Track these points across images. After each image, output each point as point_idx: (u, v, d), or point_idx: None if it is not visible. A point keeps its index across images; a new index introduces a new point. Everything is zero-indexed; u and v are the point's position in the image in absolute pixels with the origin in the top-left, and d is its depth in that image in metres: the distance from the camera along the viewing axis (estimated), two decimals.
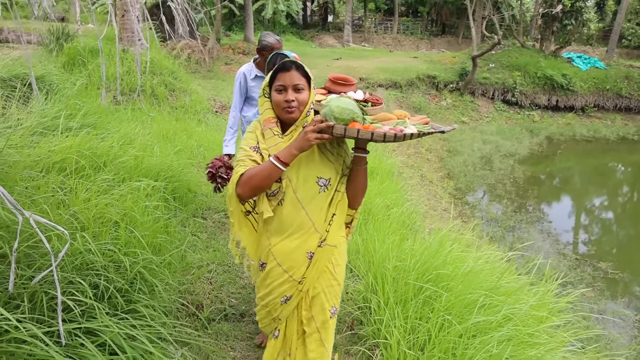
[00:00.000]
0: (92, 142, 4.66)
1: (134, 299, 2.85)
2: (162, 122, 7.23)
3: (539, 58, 20.46)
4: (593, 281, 7.71)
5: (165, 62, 9.27)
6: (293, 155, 2.06)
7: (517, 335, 3.18)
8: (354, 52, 25.03)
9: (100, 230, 3.27)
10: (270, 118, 2.23)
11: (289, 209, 2.23)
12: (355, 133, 1.97)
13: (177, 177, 4.97)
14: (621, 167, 16.14)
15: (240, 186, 2.13)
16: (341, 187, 2.32)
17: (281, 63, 2.16)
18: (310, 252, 2.31)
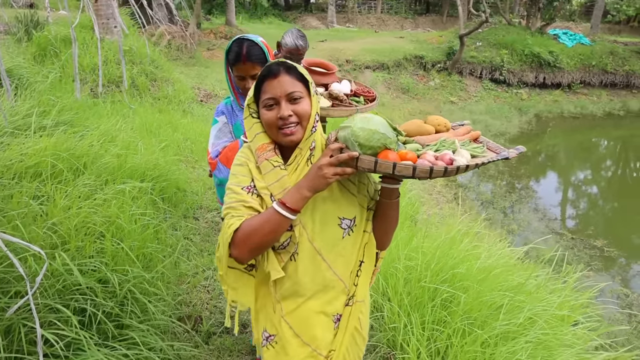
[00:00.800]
0: (70, 141, 4.30)
1: (125, 323, 2.54)
2: (145, 114, 6.84)
3: (525, 35, 20.23)
4: (590, 260, 7.63)
5: (144, 50, 8.81)
6: (305, 198, 1.53)
7: (545, 340, 2.94)
8: (339, 33, 24.56)
9: (84, 243, 2.94)
10: (264, 145, 1.64)
11: (305, 264, 1.67)
12: (391, 168, 1.44)
13: (164, 175, 4.63)
14: (609, 143, 16.17)
15: (236, 246, 1.55)
16: (368, 225, 1.78)
17: (265, 68, 1.62)
18: (337, 315, 1.78)
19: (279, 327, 1.75)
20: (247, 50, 2.30)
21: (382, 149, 1.52)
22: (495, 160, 1.59)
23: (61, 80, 6.81)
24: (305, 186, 1.53)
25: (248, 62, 2.31)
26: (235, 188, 1.63)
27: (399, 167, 1.44)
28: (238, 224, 1.54)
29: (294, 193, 1.54)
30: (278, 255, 1.66)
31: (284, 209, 1.52)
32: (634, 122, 18.08)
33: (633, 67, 20.39)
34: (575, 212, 10.31)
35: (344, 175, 1.51)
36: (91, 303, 2.50)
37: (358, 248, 1.77)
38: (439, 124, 1.87)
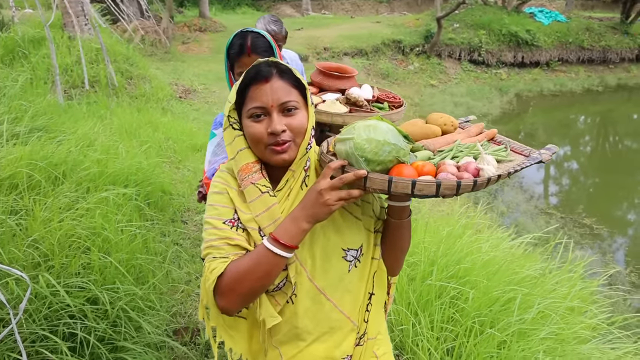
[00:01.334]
0: (46, 149, 4.06)
1: (119, 345, 2.37)
2: (123, 115, 6.59)
3: (502, 15, 20.17)
4: (581, 239, 7.65)
5: (118, 47, 8.52)
6: (303, 231, 1.26)
7: (560, 334, 2.84)
8: (315, 20, 24.27)
9: (69, 259, 2.75)
10: (249, 165, 1.34)
11: (306, 305, 1.40)
12: (409, 187, 1.18)
13: (148, 179, 4.42)
14: (588, 118, 16.31)
15: (223, 296, 1.27)
16: (376, 252, 1.50)
17: (252, 68, 1.33)
18: (347, 358, 1.49)
19: None
20: (253, 42, 2.05)
21: (394, 163, 1.26)
22: (528, 165, 1.36)
23: (32, 83, 6.52)
24: (303, 216, 1.26)
25: (254, 54, 2.04)
26: (216, 222, 1.33)
27: (419, 185, 1.17)
28: (222, 267, 1.26)
29: (289, 225, 1.27)
30: (272, 299, 1.39)
31: (277, 247, 1.25)
32: (611, 97, 18.30)
33: (609, 43, 20.45)
34: (560, 189, 10.41)
35: (350, 199, 1.25)
36: (81, 326, 2.32)
37: (367, 279, 1.51)
38: (445, 123, 1.61)
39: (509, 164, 1.41)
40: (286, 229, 1.26)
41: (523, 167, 1.36)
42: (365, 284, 1.50)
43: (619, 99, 18.24)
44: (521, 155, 1.48)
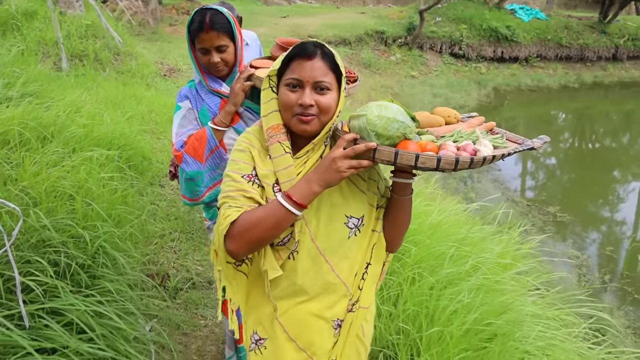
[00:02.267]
0: (36, 111, 4.39)
1: (97, 275, 2.73)
2: (109, 88, 6.90)
3: (483, 10, 20.59)
4: (544, 225, 8.01)
5: (107, 23, 8.78)
6: (314, 193, 1.39)
7: (486, 284, 3.25)
8: (301, 9, 24.50)
9: (55, 204, 3.10)
10: (279, 126, 1.50)
11: (306, 264, 1.53)
12: (413, 159, 1.31)
13: (130, 145, 4.77)
14: (565, 115, 16.74)
15: (233, 240, 1.41)
16: (378, 225, 1.64)
17: (301, 45, 1.46)
18: (337, 321, 1.62)
19: (272, 330, 1.60)
20: (211, 18, 2.12)
21: (401, 139, 1.41)
22: (520, 150, 1.52)
23: (23, 53, 6.79)
24: (316, 180, 1.39)
25: (212, 30, 2.13)
26: (235, 175, 1.48)
27: (422, 158, 1.31)
28: (236, 215, 1.40)
29: (303, 186, 1.40)
30: (276, 252, 1.51)
31: (289, 203, 1.38)
32: (588, 94, 18.77)
33: (587, 41, 20.98)
34: (533, 183, 10.73)
35: (360, 168, 1.38)
36: (65, 256, 2.67)
37: (365, 249, 1.63)
38: (449, 115, 1.76)
39: (504, 149, 1.54)
40: (299, 189, 1.39)
41: (517, 150, 1.51)
42: (364, 254, 1.63)
43: (596, 97, 18.73)
44: (515, 143, 1.63)
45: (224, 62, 2.21)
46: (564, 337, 2.89)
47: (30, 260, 2.52)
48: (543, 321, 2.96)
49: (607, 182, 10.22)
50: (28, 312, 2.20)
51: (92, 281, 2.66)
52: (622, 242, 7.82)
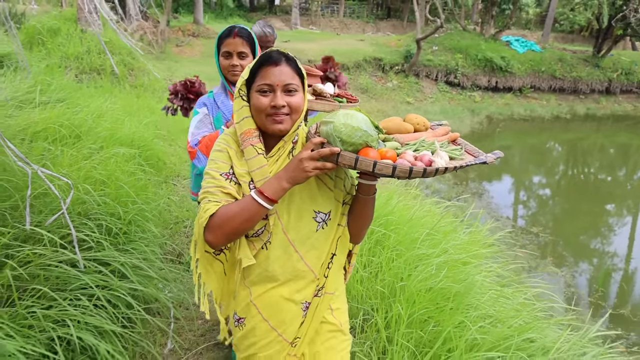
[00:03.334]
0: (68, 114, 5.02)
1: (132, 238, 3.32)
2: (125, 99, 7.55)
3: (479, 41, 21.46)
4: (527, 243, 8.32)
5: (122, 42, 9.49)
6: (283, 189, 1.56)
7: (450, 260, 3.81)
8: (302, 35, 25.43)
9: (92, 188, 3.69)
10: (250, 130, 1.65)
11: (277, 253, 1.72)
12: (371, 166, 1.47)
13: (147, 146, 5.39)
14: (555, 145, 17.16)
15: (210, 231, 1.58)
16: (343, 219, 1.81)
17: (266, 54, 1.62)
18: (305, 303, 1.81)
19: (248, 311, 1.79)
20: (239, 29, 2.54)
21: (363, 146, 1.54)
22: (473, 164, 1.60)
23: (47, 65, 7.46)
24: (285, 177, 1.55)
25: (238, 37, 2.51)
26: (214, 173, 1.64)
27: (379, 165, 1.46)
28: (214, 209, 1.57)
29: (273, 183, 1.56)
30: (251, 243, 1.71)
31: (261, 198, 1.55)
32: (580, 125, 19.26)
33: (580, 74, 21.80)
34: (522, 209, 10.88)
35: (324, 170, 1.53)
36: (105, 223, 3.26)
37: (331, 241, 1.79)
38: (418, 123, 1.87)
39: (460, 161, 1.66)
40: (270, 186, 1.56)
41: (468, 164, 1.59)
42: (330, 245, 1.79)
43: (589, 129, 19.19)
44: (472, 156, 1.72)
45: (241, 67, 2.54)
46: (507, 297, 3.48)
47: (78, 225, 3.10)
48: (495, 289, 3.54)
49: (595, 211, 10.40)
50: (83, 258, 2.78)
51: (128, 244, 3.25)
52: (599, 262, 8.13)
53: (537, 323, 3.06)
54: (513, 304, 3.41)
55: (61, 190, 3.32)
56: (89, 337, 2.38)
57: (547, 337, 2.97)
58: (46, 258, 2.62)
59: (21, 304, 2.35)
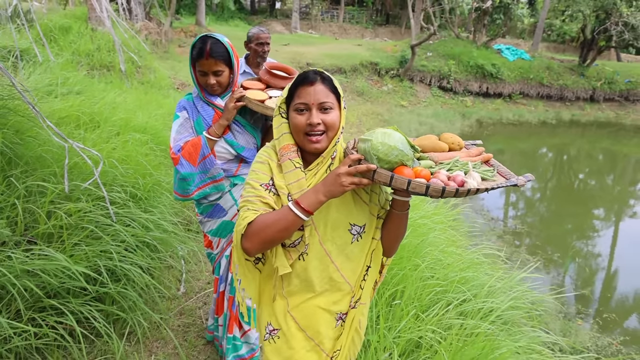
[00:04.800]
0: (87, 104, 5.63)
1: (152, 204, 3.95)
2: (134, 94, 8.16)
3: (471, 48, 22.18)
4: (503, 234, 8.76)
5: (129, 41, 10.11)
6: (320, 202, 1.60)
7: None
8: (302, 38, 26.08)
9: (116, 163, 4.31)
10: (289, 145, 1.73)
11: (314, 264, 1.78)
12: (405, 184, 1.52)
13: (158, 133, 6.00)
14: (543, 149, 17.67)
15: (248, 238, 1.64)
16: (377, 233, 1.85)
17: (303, 74, 1.71)
18: (339, 314, 1.88)
19: (284, 322, 1.83)
20: (211, 47, 2.45)
21: (398, 164, 1.59)
22: (504, 186, 1.64)
23: (64, 61, 8.07)
24: (322, 191, 1.59)
25: (210, 58, 2.46)
26: (254, 184, 1.71)
27: (413, 184, 1.51)
28: (253, 217, 1.62)
29: (310, 195, 1.60)
30: (287, 253, 1.75)
31: (298, 209, 1.59)
32: (566, 131, 19.81)
33: (566, 82, 22.55)
34: (509, 208, 11.11)
35: (360, 185, 1.57)
36: (125, 193, 3.88)
37: (366, 253, 1.85)
38: (453, 142, 1.91)
39: (491, 182, 1.69)
40: (307, 198, 1.60)
41: (500, 186, 1.62)
42: (365, 258, 1.85)
43: (574, 134, 19.75)
44: (503, 178, 1.76)
45: (218, 84, 2.56)
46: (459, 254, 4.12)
47: (107, 190, 3.72)
48: (451, 248, 4.17)
49: (578, 212, 10.73)
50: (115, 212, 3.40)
51: (149, 207, 3.88)
52: (572, 253, 8.49)
53: (476, 267, 3.69)
54: (462, 258, 4.03)
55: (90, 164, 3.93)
56: (127, 266, 3.03)
57: (483, 278, 3.62)
58: (85, 212, 3.24)
59: (70, 242, 2.98)
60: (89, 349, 2.93)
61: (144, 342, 3.17)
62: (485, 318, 3.36)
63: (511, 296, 3.62)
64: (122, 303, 3.02)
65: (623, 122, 21.71)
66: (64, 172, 3.40)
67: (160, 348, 3.22)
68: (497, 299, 3.52)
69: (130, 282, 3.10)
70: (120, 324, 3.11)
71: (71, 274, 2.75)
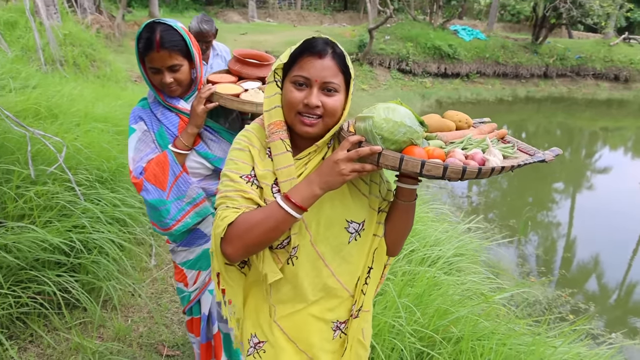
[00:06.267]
0: (44, 97, 5.56)
1: (118, 184, 3.99)
2: (91, 87, 8.05)
3: (428, 30, 22.47)
4: (461, 205, 9.20)
5: (83, 34, 9.95)
6: (315, 196, 1.35)
7: None
8: (259, 27, 25.93)
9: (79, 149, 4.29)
10: (281, 122, 1.45)
11: (306, 268, 1.51)
12: (419, 166, 1.27)
13: (120, 123, 5.95)
14: (502, 126, 18.09)
15: (229, 242, 1.38)
16: (379, 229, 1.59)
17: (311, 41, 1.40)
18: (336, 322, 1.62)
19: (271, 333, 1.58)
20: (161, 35, 1.94)
21: (407, 144, 1.35)
22: (531, 162, 1.43)
23: (15, 56, 7.88)
24: (317, 182, 1.33)
25: (162, 50, 1.94)
26: (233, 175, 1.43)
27: (427, 165, 1.26)
28: (234, 216, 1.36)
29: (303, 188, 1.34)
30: (275, 255, 1.48)
31: (289, 206, 1.33)
32: (522, 107, 20.50)
33: (520, 60, 23.09)
34: (472, 187, 11.01)
35: (363, 172, 1.32)
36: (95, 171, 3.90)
37: (367, 253, 1.60)
38: (460, 120, 1.73)
39: (514, 160, 1.48)
40: (300, 191, 1.33)
41: (527, 163, 1.41)
42: (365, 258, 1.59)
43: (530, 110, 20.47)
44: (526, 154, 1.55)
45: (177, 82, 2.04)
46: None
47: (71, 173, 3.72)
48: None
49: (538, 187, 10.92)
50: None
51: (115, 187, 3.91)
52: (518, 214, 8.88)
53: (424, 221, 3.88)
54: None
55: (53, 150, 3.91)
56: (99, 238, 3.14)
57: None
58: (54, 193, 3.25)
59: (40, 220, 3.01)
60: (68, 317, 3.06)
61: (120, 309, 3.35)
62: (433, 265, 3.59)
63: (456, 245, 3.88)
64: (97, 273, 3.16)
65: (575, 97, 22.45)
66: (27, 159, 3.40)
67: (136, 313, 3.41)
68: (443, 247, 3.77)
69: (103, 254, 3.24)
70: (96, 292, 3.25)
71: (47, 246, 2.86)
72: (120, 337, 3.15)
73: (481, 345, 2.75)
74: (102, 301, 3.23)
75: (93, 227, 3.21)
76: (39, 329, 2.94)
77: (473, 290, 3.72)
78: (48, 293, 2.90)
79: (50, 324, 3.03)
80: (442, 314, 2.95)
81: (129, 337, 3.18)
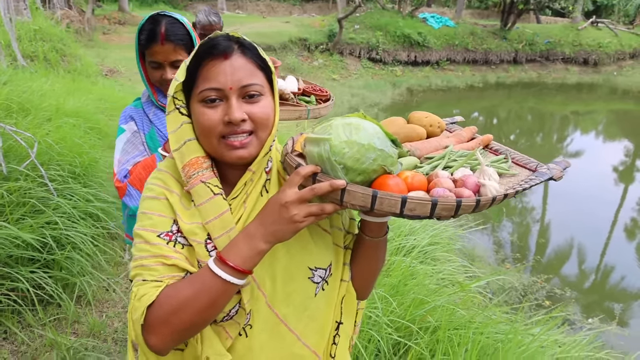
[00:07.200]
0: (15, 93, 5.64)
1: (91, 180, 4.13)
2: (62, 82, 8.11)
3: (397, 19, 22.71)
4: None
5: (53, 29, 9.95)
6: (259, 252, 1.03)
7: None
8: (229, 19, 25.71)
9: (51, 145, 4.43)
10: (199, 160, 1.12)
11: (263, 338, 1.17)
12: (399, 205, 0.96)
13: (91, 118, 6.09)
14: (474, 113, 18.53)
15: (153, 331, 1.01)
16: (345, 272, 1.30)
17: (209, 41, 1.08)
18: None
19: None
20: (167, 28, 1.82)
21: (378, 173, 1.04)
22: (537, 183, 1.17)
23: None
24: (260, 234, 1.03)
25: (167, 43, 1.82)
26: (148, 235, 1.08)
27: (410, 203, 0.95)
28: (155, 294, 1.01)
29: (242, 244, 1.03)
30: (222, 330, 1.14)
31: (225, 271, 1.00)
32: (493, 94, 20.91)
33: (490, 46, 23.49)
34: None
35: (323, 215, 1.02)
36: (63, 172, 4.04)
37: (335, 304, 1.29)
38: (431, 124, 1.41)
39: (512, 178, 1.23)
40: (238, 249, 1.02)
41: (532, 184, 1.14)
42: (333, 311, 1.29)
43: (501, 96, 20.83)
44: (525, 169, 1.30)
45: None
46: None
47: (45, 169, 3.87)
48: None
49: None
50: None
51: (88, 181, 4.06)
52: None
53: None
54: None
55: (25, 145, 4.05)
56: (72, 234, 3.25)
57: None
58: (26, 189, 3.40)
59: (12, 217, 3.15)
60: (42, 313, 3.13)
61: (94, 304, 3.41)
62: (408, 254, 3.77)
63: (430, 234, 4.07)
64: (70, 268, 3.25)
65: (545, 82, 22.90)
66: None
67: (110, 308, 3.48)
68: (418, 236, 3.96)
69: (76, 250, 3.32)
70: (70, 288, 3.32)
71: (20, 243, 2.94)
72: (95, 332, 3.18)
73: (458, 334, 2.73)
74: (77, 297, 3.30)
75: (66, 223, 3.32)
76: (12, 325, 2.95)
77: (449, 279, 3.83)
78: (21, 289, 2.96)
79: (24, 321, 3.05)
80: (419, 304, 2.96)
81: (104, 332, 3.21)
